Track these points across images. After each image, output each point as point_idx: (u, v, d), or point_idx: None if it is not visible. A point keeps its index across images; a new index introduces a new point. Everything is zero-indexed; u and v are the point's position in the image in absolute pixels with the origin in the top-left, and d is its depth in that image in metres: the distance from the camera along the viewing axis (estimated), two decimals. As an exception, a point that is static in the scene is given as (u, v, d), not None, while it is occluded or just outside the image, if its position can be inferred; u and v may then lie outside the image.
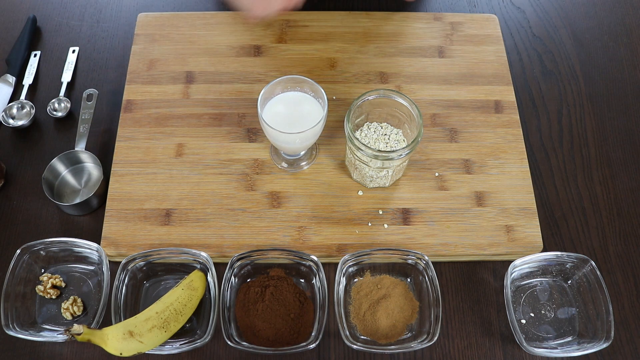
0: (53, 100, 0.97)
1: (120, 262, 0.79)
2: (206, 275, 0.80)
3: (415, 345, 0.76)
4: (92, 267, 0.84)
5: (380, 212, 0.87)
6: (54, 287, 0.81)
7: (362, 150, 0.79)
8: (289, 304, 0.78)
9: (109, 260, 0.82)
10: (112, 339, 0.72)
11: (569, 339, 0.80)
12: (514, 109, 0.96)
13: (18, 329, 0.76)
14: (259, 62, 0.99)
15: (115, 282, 0.78)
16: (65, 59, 1.02)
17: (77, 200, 0.86)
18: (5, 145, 0.94)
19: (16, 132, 0.95)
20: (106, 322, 0.77)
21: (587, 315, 0.80)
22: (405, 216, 0.86)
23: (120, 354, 0.73)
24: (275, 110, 0.84)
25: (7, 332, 0.75)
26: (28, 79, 0.99)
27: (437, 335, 0.75)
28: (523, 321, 0.81)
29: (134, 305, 0.80)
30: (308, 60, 0.99)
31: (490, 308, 0.83)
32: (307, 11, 1.04)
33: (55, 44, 1.04)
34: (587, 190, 0.92)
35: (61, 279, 0.82)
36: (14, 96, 0.98)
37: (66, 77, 0.99)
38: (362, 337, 0.79)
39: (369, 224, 0.86)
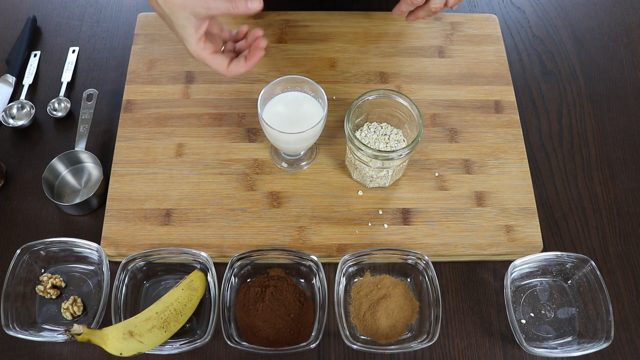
0: (53, 100, 0.97)
1: (120, 262, 0.79)
2: (206, 275, 0.80)
3: (415, 345, 0.76)
4: (92, 267, 0.84)
5: (380, 212, 0.87)
6: (54, 287, 0.81)
7: (362, 150, 0.79)
8: (289, 304, 0.78)
9: (109, 260, 0.82)
10: (112, 339, 0.72)
11: (569, 339, 0.80)
12: (514, 109, 0.96)
13: (18, 329, 0.76)
14: (259, 62, 0.98)
15: (115, 282, 0.78)
16: (65, 59, 1.02)
17: (77, 200, 0.86)
18: (5, 145, 0.94)
19: (16, 132, 0.95)
20: (106, 322, 0.77)
21: (587, 315, 0.80)
22: (405, 216, 0.86)
23: (120, 354, 0.73)
24: (275, 110, 0.84)
25: (7, 332, 0.75)
26: (28, 79, 0.99)
27: (437, 335, 0.75)
28: (523, 321, 0.81)
29: (134, 305, 0.80)
30: (308, 60, 0.99)
31: (490, 308, 0.83)
32: (307, 11, 1.04)
33: (55, 44, 1.04)
34: (587, 190, 0.92)
35: (61, 279, 0.82)
36: (14, 96, 0.98)
37: (66, 77, 0.99)
38: (362, 337, 0.79)
39: (369, 224, 0.86)
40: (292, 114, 0.84)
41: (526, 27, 1.08)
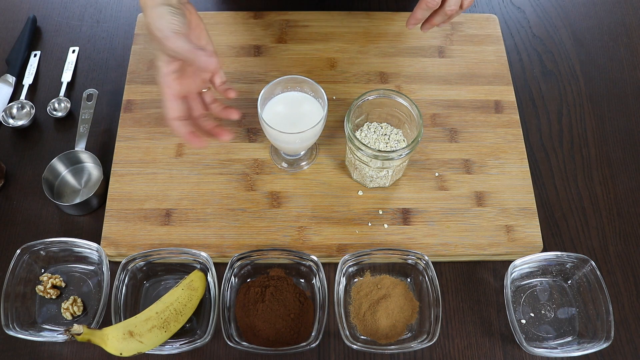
0: (53, 100, 0.97)
1: (120, 262, 0.79)
2: (206, 275, 0.80)
3: (415, 345, 0.76)
4: (92, 267, 0.84)
5: (380, 212, 0.87)
6: (54, 287, 0.81)
7: (362, 150, 0.79)
8: (289, 304, 0.78)
9: (109, 260, 0.82)
10: (112, 339, 0.72)
11: (569, 339, 0.80)
12: (514, 109, 0.96)
13: (18, 329, 0.76)
14: (259, 62, 0.99)
15: (115, 282, 0.78)
16: (65, 59, 1.02)
17: (77, 200, 0.86)
18: (5, 145, 0.94)
19: (16, 132, 0.95)
20: (106, 322, 0.77)
21: (587, 315, 0.80)
22: (405, 216, 0.86)
23: (120, 354, 0.73)
24: (275, 110, 0.84)
25: (7, 332, 0.75)
26: (28, 79, 0.99)
27: (437, 335, 0.75)
28: (523, 321, 0.81)
29: (134, 305, 0.80)
30: (308, 60, 0.99)
31: (490, 308, 0.83)
32: (307, 11, 1.04)
33: (55, 44, 1.04)
34: (587, 190, 0.92)
35: (61, 279, 0.82)
36: (14, 96, 0.98)
37: (66, 77, 0.99)
38: (362, 337, 0.79)
39: (369, 224, 0.86)
40: (292, 114, 0.84)
41: (526, 27, 1.08)
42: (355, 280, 0.83)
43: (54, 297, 0.81)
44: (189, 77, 0.76)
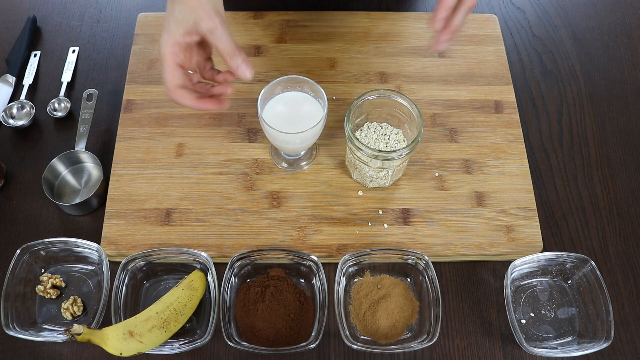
0: (53, 100, 0.97)
1: (120, 262, 0.79)
2: (206, 275, 0.80)
3: (415, 345, 0.76)
4: (92, 267, 0.84)
5: (380, 212, 0.87)
6: (54, 287, 0.81)
7: (362, 150, 0.79)
8: (289, 304, 0.78)
9: (109, 260, 0.82)
10: (112, 339, 0.72)
11: (569, 339, 0.80)
12: (514, 109, 0.96)
13: (18, 329, 0.76)
14: (259, 62, 0.99)
15: (115, 282, 0.78)
16: (65, 59, 1.02)
17: (77, 200, 0.86)
18: (5, 145, 0.94)
19: (16, 132, 0.95)
20: (106, 322, 0.77)
21: (587, 315, 0.80)
22: (405, 216, 0.86)
23: (120, 354, 0.73)
24: (275, 110, 0.84)
25: (7, 332, 0.75)
26: (28, 79, 0.99)
27: (437, 335, 0.75)
28: (523, 321, 0.81)
29: (134, 305, 0.80)
30: (308, 60, 0.99)
31: (490, 308, 0.83)
32: (307, 11, 1.04)
33: (55, 44, 1.04)
34: (587, 190, 0.92)
35: (61, 279, 0.82)
36: (14, 96, 0.98)
37: (66, 77, 0.99)
38: (362, 337, 0.79)
39: (369, 224, 0.86)
40: (292, 114, 0.84)
41: (526, 27, 1.08)
42: (355, 280, 0.83)
43: (54, 297, 0.81)
44: (189, 52, 0.75)
